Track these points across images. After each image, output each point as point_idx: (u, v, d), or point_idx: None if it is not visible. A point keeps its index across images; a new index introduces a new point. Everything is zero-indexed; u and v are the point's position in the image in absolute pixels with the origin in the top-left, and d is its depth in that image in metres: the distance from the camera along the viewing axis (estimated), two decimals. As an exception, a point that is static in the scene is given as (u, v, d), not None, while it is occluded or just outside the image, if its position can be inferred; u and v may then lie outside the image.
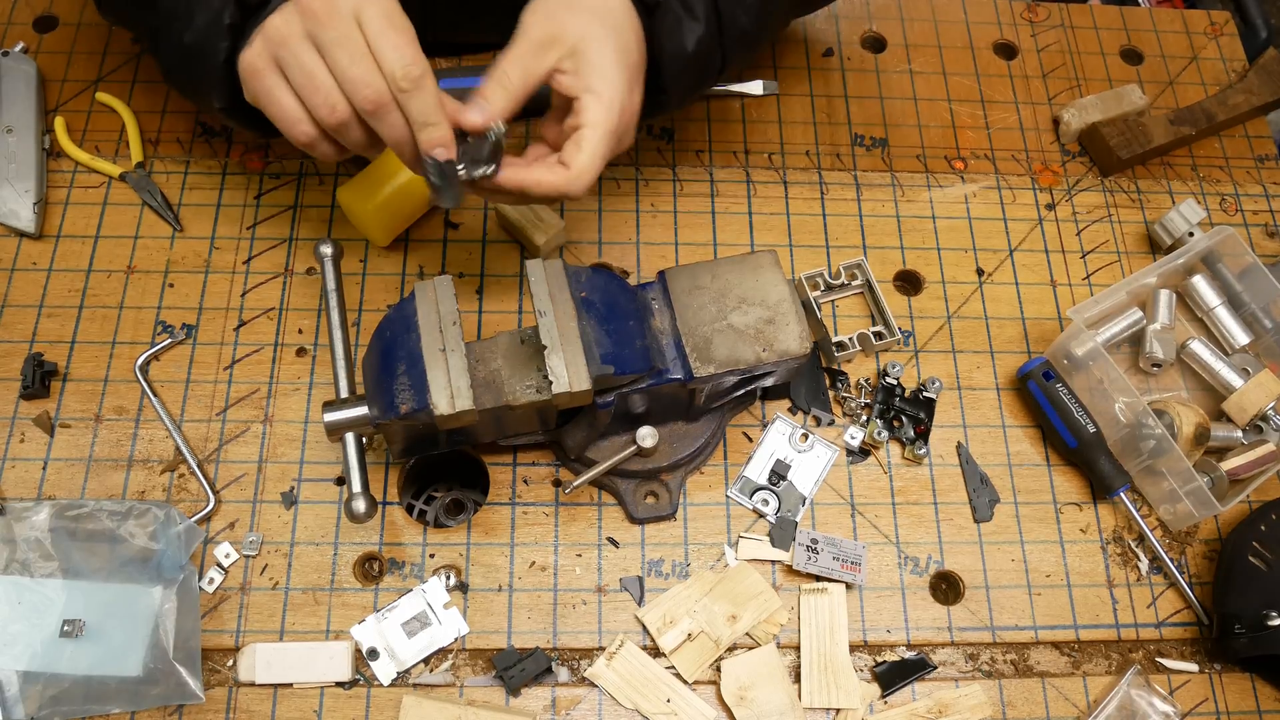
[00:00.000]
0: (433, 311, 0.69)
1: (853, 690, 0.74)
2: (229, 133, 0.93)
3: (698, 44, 0.75)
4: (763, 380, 0.76)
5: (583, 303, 0.70)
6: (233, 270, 0.87)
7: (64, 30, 0.97)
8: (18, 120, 0.90)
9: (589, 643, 0.76)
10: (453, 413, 0.66)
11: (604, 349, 0.68)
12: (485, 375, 0.70)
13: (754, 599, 0.77)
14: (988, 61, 1.04)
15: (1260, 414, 0.84)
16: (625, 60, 0.70)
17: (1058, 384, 0.83)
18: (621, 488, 0.79)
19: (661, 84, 0.76)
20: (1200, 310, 0.90)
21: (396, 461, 0.81)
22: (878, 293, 0.88)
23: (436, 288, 0.70)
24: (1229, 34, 1.09)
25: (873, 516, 0.81)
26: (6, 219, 0.86)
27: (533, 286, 0.69)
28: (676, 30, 0.74)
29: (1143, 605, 0.80)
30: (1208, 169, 1.00)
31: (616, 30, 0.70)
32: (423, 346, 0.68)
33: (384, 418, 0.68)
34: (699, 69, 0.78)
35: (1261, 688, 0.78)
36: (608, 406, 0.70)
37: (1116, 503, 0.83)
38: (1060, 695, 0.77)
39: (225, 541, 0.77)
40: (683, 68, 0.76)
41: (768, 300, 0.74)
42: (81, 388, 0.82)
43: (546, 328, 0.67)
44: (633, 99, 0.71)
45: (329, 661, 0.73)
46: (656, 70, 0.75)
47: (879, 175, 0.96)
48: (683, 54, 0.75)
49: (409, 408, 0.67)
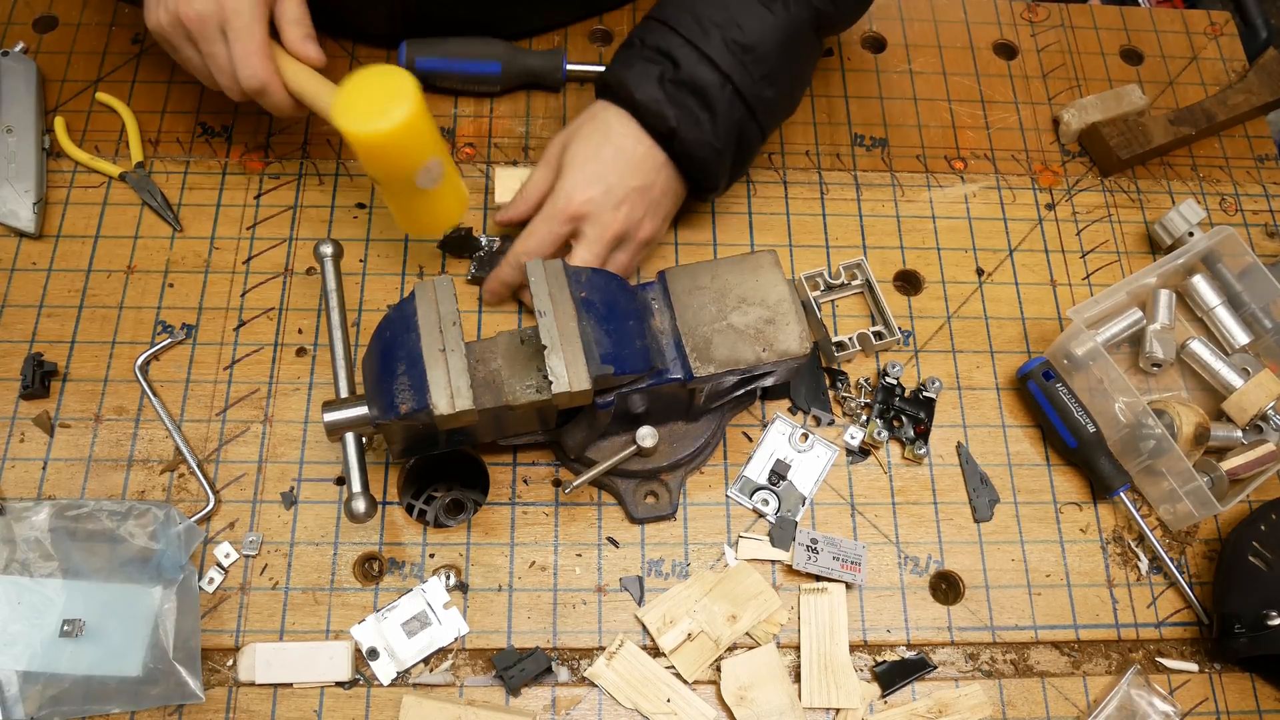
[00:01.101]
0: (433, 311, 0.69)
1: (853, 690, 0.74)
2: (229, 133, 0.93)
3: (726, 136, 0.81)
4: (762, 380, 0.76)
5: (582, 303, 0.70)
6: (233, 270, 0.87)
7: (64, 30, 0.97)
8: (18, 120, 0.90)
9: (589, 643, 0.76)
10: (453, 413, 0.66)
11: (604, 349, 0.68)
12: (485, 375, 0.70)
13: (754, 599, 0.77)
14: (988, 61, 1.04)
15: (1260, 414, 0.84)
16: (631, 207, 0.80)
17: (1058, 384, 0.83)
18: (621, 488, 0.79)
19: (704, 184, 0.83)
20: (1200, 310, 0.90)
21: (396, 461, 0.81)
22: (878, 293, 0.88)
23: (436, 288, 0.70)
24: (1229, 34, 1.09)
25: (873, 516, 0.81)
26: (6, 219, 0.86)
27: (533, 287, 0.69)
28: (701, 137, 0.80)
29: (1143, 605, 0.80)
30: (1208, 169, 1.00)
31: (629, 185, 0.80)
32: (423, 346, 0.68)
33: (384, 418, 0.68)
34: (737, 152, 0.83)
35: (1261, 688, 0.78)
36: (608, 406, 0.70)
37: (1116, 503, 0.83)
38: (1060, 695, 0.77)
39: (225, 541, 0.77)
40: (718, 160, 0.81)
41: (768, 300, 0.74)
42: (81, 388, 0.82)
43: (546, 328, 0.67)
44: (633, 227, 0.81)
45: (329, 661, 0.73)
46: (699, 169, 0.81)
47: (879, 175, 0.96)
48: (714, 151, 0.81)
49: (409, 408, 0.67)
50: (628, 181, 0.79)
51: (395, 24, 0.94)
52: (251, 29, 0.75)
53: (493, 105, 0.96)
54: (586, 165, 0.80)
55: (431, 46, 0.93)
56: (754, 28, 0.79)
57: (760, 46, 0.79)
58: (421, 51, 0.92)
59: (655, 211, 0.82)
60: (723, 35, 0.79)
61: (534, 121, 0.96)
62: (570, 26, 1.01)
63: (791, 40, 0.81)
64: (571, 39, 1.01)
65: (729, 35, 0.79)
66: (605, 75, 0.82)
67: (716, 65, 0.78)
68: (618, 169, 0.79)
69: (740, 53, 0.79)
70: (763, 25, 0.80)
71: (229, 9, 0.74)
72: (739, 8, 0.79)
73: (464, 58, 0.93)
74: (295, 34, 0.78)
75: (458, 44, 0.93)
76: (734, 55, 0.79)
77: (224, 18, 0.74)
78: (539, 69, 0.95)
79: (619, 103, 0.81)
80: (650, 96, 0.78)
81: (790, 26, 0.81)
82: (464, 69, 0.93)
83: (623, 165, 0.80)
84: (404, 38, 0.94)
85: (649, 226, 0.82)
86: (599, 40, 1.01)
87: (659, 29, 0.81)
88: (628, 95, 0.79)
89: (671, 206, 0.84)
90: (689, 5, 0.80)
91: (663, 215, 0.83)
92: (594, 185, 0.79)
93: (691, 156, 0.80)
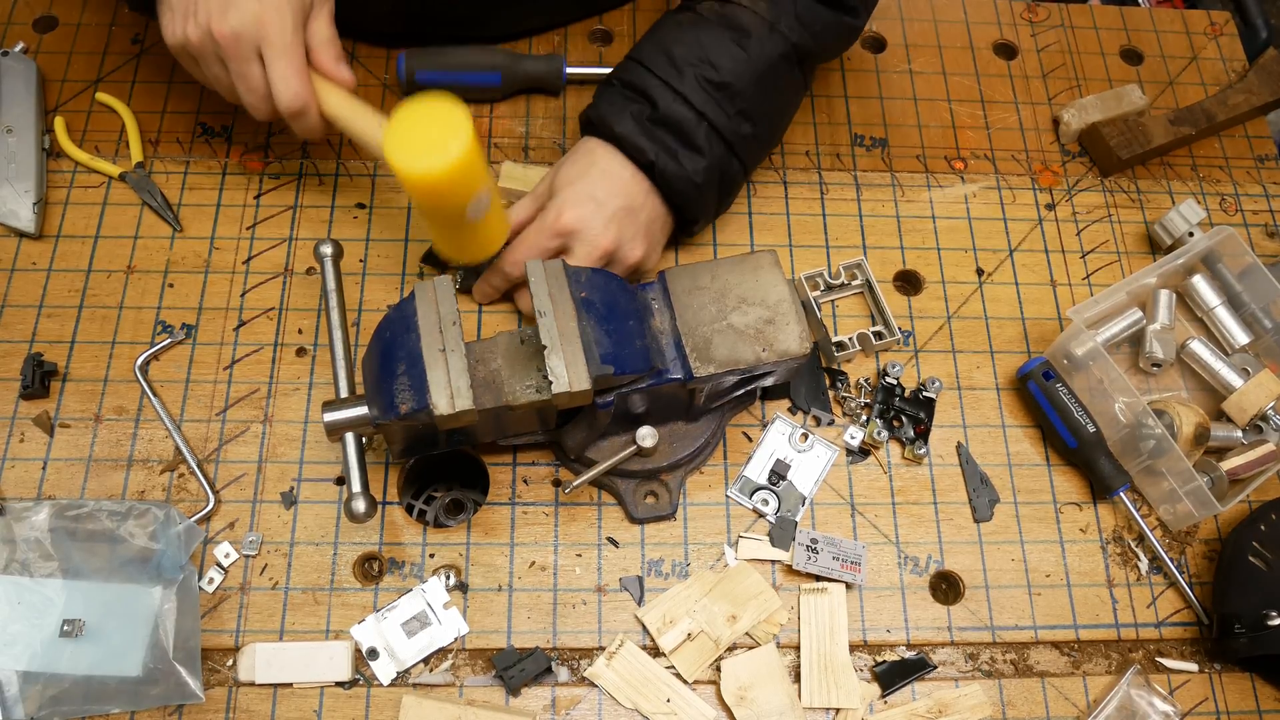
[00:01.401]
0: (433, 311, 0.69)
1: (853, 690, 0.74)
2: (229, 133, 0.93)
3: (707, 172, 0.81)
4: (762, 380, 0.76)
5: (583, 303, 0.70)
6: (233, 270, 0.87)
7: (64, 30, 0.97)
8: (18, 120, 0.90)
9: (589, 643, 0.76)
10: (453, 413, 0.66)
11: (604, 349, 0.68)
12: (485, 375, 0.70)
13: (754, 599, 0.77)
14: (988, 61, 1.04)
15: (1260, 414, 0.84)
16: (619, 228, 0.80)
17: (1058, 384, 0.83)
18: (621, 488, 0.79)
19: (687, 215, 0.84)
20: (1200, 310, 0.90)
21: (396, 461, 0.81)
22: (878, 293, 0.88)
23: (436, 288, 0.70)
24: (1229, 34, 1.09)
25: (873, 516, 0.81)
26: (6, 219, 0.86)
27: (532, 287, 0.69)
28: (680, 172, 0.80)
29: (1143, 605, 0.80)
30: (1208, 169, 1.00)
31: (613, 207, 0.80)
32: (423, 346, 0.68)
33: (384, 418, 0.68)
34: (719, 186, 0.83)
35: (1261, 688, 0.78)
36: (607, 407, 0.70)
37: (1116, 503, 0.83)
38: (1060, 695, 0.76)
39: (225, 541, 0.77)
40: (699, 194, 0.82)
41: (767, 300, 0.74)
42: (81, 388, 0.82)
43: (546, 328, 0.67)
44: (622, 247, 0.81)
45: (328, 661, 0.73)
46: (680, 200, 0.82)
47: (879, 175, 0.96)
48: (694, 186, 0.81)
49: (409, 408, 0.67)
50: (616, 201, 0.80)
51: (397, 22, 0.94)
52: (292, 50, 0.72)
53: (492, 107, 0.96)
54: (576, 184, 0.80)
55: (431, 58, 0.92)
56: (728, 66, 0.80)
57: (735, 84, 0.80)
58: (421, 64, 0.92)
59: (644, 235, 0.82)
60: (697, 74, 0.79)
61: (534, 122, 0.96)
62: (570, 26, 1.01)
63: (768, 76, 0.81)
64: (571, 39, 1.01)
65: (703, 74, 0.79)
66: (588, 112, 0.83)
67: (691, 104, 0.79)
68: (606, 188, 0.80)
69: (714, 90, 0.79)
70: (736, 63, 0.80)
71: (269, 28, 0.71)
72: (713, 46, 0.80)
73: (464, 69, 0.93)
74: (328, 55, 0.76)
75: (457, 54, 0.93)
76: (708, 93, 0.79)
77: (262, 36, 0.72)
78: (539, 74, 0.95)
79: (602, 137, 0.81)
80: (629, 130, 0.79)
81: (765, 62, 0.81)
82: (464, 80, 0.93)
83: (610, 186, 0.80)
84: (405, 35, 0.93)
85: (638, 249, 0.82)
86: (599, 40, 1.01)
87: (635, 68, 0.81)
88: (608, 130, 0.80)
89: (660, 234, 0.84)
90: (664, 45, 0.81)
91: (651, 240, 0.83)
92: (584, 203, 0.79)
93: (673, 189, 0.81)
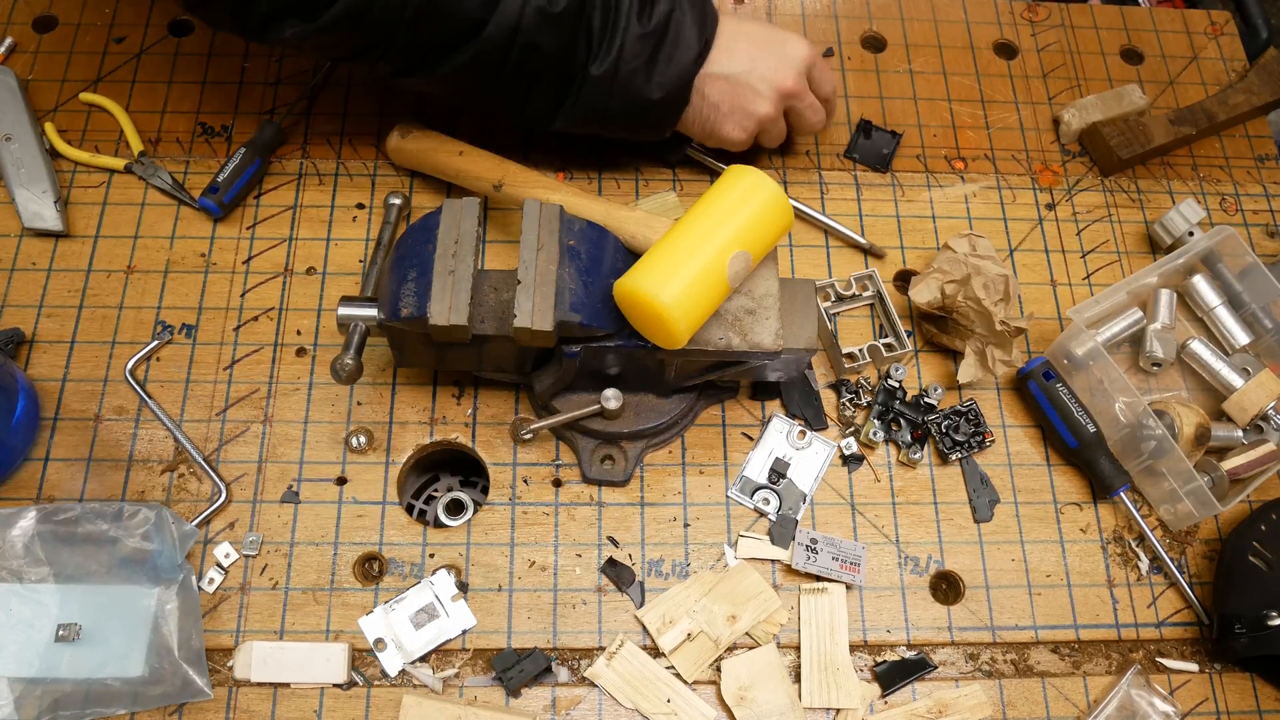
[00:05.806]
0: (454, 229, 0.72)
1: (853, 690, 0.74)
2: (229, 132, 0.93)
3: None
4: (739, 369, 0.76)
5: (568, 250, 0.71)
6: (233, 270, 0.87)
7: (63, 30, 0.97)
8: (13, 126, 0.89)
9: (589, 643, 0.76)
10: (446, 325, 0.68)
11: (576, 297, 0.70)
12: (496, 303, 0.72)
13: (754, 599, 0.77)
14: (988, 61, 1.04)
15: (1260, 414, 0.84)
16: None
17: (1058, 384, 0.83)
18: (580, 444, 0.80)
19: None
20: (1200, 310, 0.90)
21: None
22: (889, 305, 0.87)
23: (464, 208, 0.72)
24: (1229, 34, 1.09)
25: (873, 516, 0.81)
26: (33, 222, 0.86)
27: (524, 223, 0.71)
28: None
29: (1143, 605, 0.80)
30: (1208, 169, 1.00)
31: None
32: (435, 259, 0.70)
33: (389, 320, 0.71)
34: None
35: (1261, 688, 0.78)
36: (573, 357, 0.72)
37: (1116, 503, 0.83)
38: (1060, 695, 0.76)
39: (225, 541, 0.77)
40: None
41: (755, 292, 0.74)
42: (81, 388, 0.82)
43: (526, 264, 0.69)
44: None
45: (325, 663, 0.73)
46: None
47: (879, 175, 0.96)
48: None
49: (409, 313, 0.70)
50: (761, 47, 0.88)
51: None
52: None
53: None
54: (758, 62, 0.85)
55: None
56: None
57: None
58: None
59: None
60: None
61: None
62: None
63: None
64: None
65: None
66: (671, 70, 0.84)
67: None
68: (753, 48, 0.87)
69: None
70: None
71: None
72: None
73: None
74: None
75: None
76: None
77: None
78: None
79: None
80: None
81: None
82: None
83: (751, 42, 0.87)
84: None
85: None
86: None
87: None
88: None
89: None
90: None
91: None
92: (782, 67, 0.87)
93: None
